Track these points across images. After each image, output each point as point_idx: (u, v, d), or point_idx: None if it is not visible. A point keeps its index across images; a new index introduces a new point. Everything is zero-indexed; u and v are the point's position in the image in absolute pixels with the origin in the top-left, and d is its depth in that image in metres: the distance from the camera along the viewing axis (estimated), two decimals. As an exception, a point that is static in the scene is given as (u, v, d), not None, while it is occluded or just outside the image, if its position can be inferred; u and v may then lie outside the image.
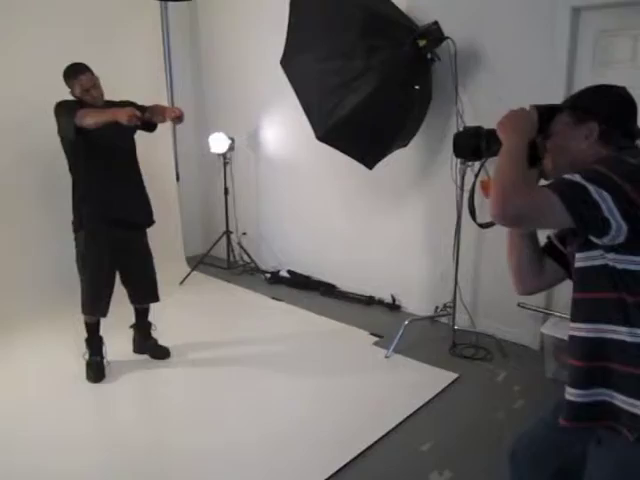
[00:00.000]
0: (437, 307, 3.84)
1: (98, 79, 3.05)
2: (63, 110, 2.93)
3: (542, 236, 1.53)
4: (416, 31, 3.11)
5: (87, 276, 3.16)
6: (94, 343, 3.27)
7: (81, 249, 3.13)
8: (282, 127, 4.69)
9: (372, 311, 4.21)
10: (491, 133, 1.48)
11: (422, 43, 3.04)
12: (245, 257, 5.13)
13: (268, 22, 4.33)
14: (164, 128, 4.90)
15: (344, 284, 4.52)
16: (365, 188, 4.17)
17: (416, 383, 3.17)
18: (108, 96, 3.22)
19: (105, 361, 3.28)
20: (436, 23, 3.07)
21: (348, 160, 3.44)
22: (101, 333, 3.29)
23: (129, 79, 4.41)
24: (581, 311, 1.33)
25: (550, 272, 1.51)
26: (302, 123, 3.52)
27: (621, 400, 1.26)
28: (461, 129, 3.08)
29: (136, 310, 3.47)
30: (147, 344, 3.49)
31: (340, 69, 2.99)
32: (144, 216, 3.31)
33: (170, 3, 4.96)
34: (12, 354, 3.54)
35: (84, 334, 3.27)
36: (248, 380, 3.22)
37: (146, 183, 3.39)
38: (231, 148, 4.89)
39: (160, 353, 3.45)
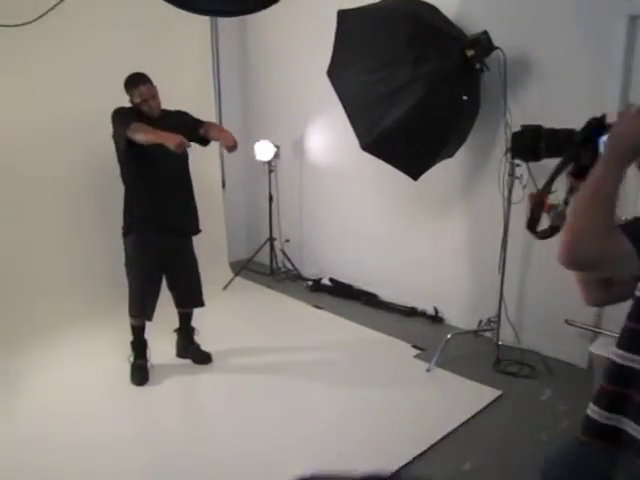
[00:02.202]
0: (481, 321, 3.76)
1: (157, 90, 3.11)
2: (119, 118, 3.02)
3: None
4: (464, 41, 3.06)
5: (134, 280, 3.24)
6: (139, 346, 3.35)
7: (129, 253, 3.22)
8: (326, 136, 4.70)
9: (414, 322, 4.16)
10: (551, 134, 1.39)
11: (470, 53, 3.00)
12: (288, 264, 5.15)
13: (316, 32, 4.34)
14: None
15: (386, 294, 4.48)
16: (410, 198, 4.13)
17: (458, 399, 3.11)
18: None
19: (149, 364, 3.35)
20: (485, 33, 3.02)
21: (393, 169, 3.41)
22: (146, 337, 3.37)
23: (178, 87, 4.51)
24: (628, 340, 1.26)
25: (620, 286, 1.34)
26: (347, 132, 3.52)
27: (635, 430, 1.22)
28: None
29: (180, 314, 3.53)
30: (190, 349, 3.54)
31: (386, 79, 2.97)
32: (191, 224, 3.38)
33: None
34: (61, 356, 3.65)
35: (130, 337, 3.35)
36: (286, 388, 3.23)
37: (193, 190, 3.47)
38: (276, 156, 4.94)
39: (202, 358, 3.50)
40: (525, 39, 3.20)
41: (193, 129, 3.24)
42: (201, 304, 3.49)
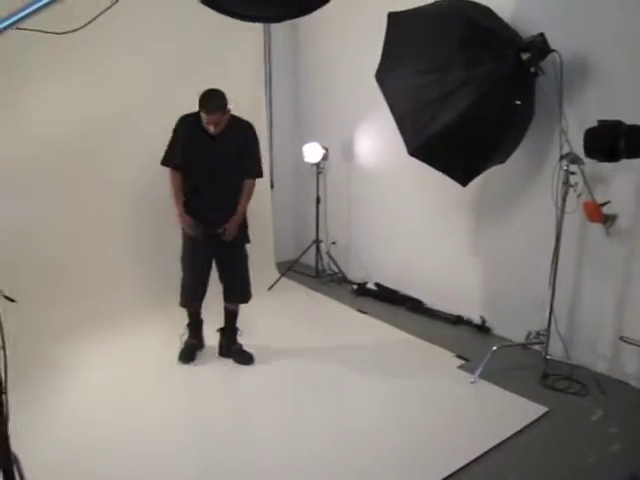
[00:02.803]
0: (529, 333, 3.62)
1: (221, 116, 3.12)
2: (172, 137, 3.29)
3: None
4: (519, 43, 2.96)
5: (183, 268, 3.47)
6: (191, 327, 3.61)
7: (183, 241, 3.43)
8: (375, 139, 4.66)
9: (459, 332, 4.06)
10: (634, 131, 1.18)
11: (525, 56, 2.89)
12: (333, 267, 5.14)
13: (366, 34, 4.31)
14: (261, 137, 5.06)
15: (432, 301, 4.40)
16: (459, 204, 4.03)
17: (502, 413, 3.00)
18: None
19: (198, 348, 3.62)
20: (541, 35, 2.90)
21: (442, 174, 3.34)
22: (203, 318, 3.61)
23: (231, 89, 4.56)
24: None
25: None
26: (395, 135, 3.46)
27: None
28: (596, 124, 2.60)
29: (225, 312, 3.59)
30: (232, 348, 3.58)
31: (436, 83, 2.90)
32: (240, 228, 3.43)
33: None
34: (118, 341, 3.81)
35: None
36: (327, 392, 3.22)
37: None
38: (325, 158, 4.93)
39: (244, 359, 3.53)
40: (582, 41, 3.06)
41: (240, 165, 3.31)
42: (245, 300, 3.55)
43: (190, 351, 3.57)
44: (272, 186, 5.30)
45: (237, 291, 3.52)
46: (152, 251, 4.39)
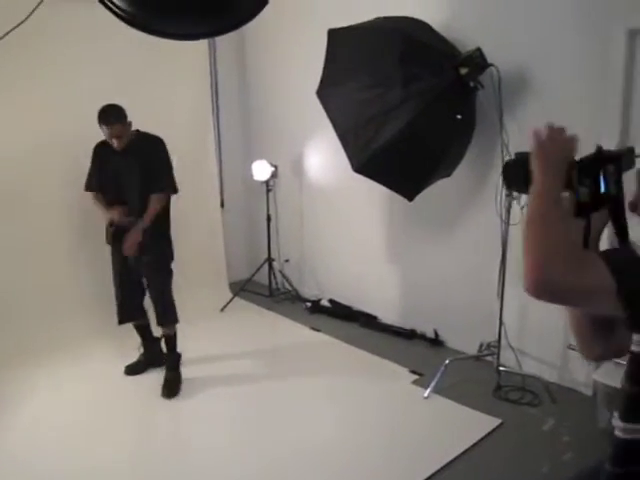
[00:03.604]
0: (482, 344, 3.64)
1: (125, 127, 3.15)
2: (90, 165, 3.39)
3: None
4: (457, 58, 2.99)
5: (114, 284, 3.47)
6: (143, 342, 3.62)
7: (111, 259, 3.46)
8: (324, 156, 4.63)
9: (413, 346, 4.04)
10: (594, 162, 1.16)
11: (464, 71, 2.92)
12: (287, 285, 5.07)
13: (312, 51, 4.30)
14: (209, 156, 4.99)
15: (385, 316, 4.37)
16: (407, 218, 4.04)
17: (456, 428, 2.99)
18: (153, 124, 3.33)
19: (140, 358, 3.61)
20: (479, 49, 2.94)
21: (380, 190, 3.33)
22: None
23: (175, 106, 4.50)
24: (626, 406, 1.12)
25: (620, 338, 1.16)
26: (342, 153, 3.45)
27: None
28: (510, 157, 2.88)
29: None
30: (166, 375, 3.43)
31: (377, 99, 2.90)
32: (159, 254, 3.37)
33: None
34: (66, 367, 3.61)
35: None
36: (278, 414, 3.14)
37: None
38: (274, 175, 4.88)
39: (164, 391, 3.33)
40: (520, 54, 3.11)
41: (148, 180, 3.26)
42: (165, 322, 3.43)
43: (136, 365, 3.59)
44: (222, 205, 5.21)
45: (159, 313, 3.42)
46: (98, 271, 4.19)
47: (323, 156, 4.66)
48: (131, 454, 2.83)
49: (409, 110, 2.85)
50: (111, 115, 3.09)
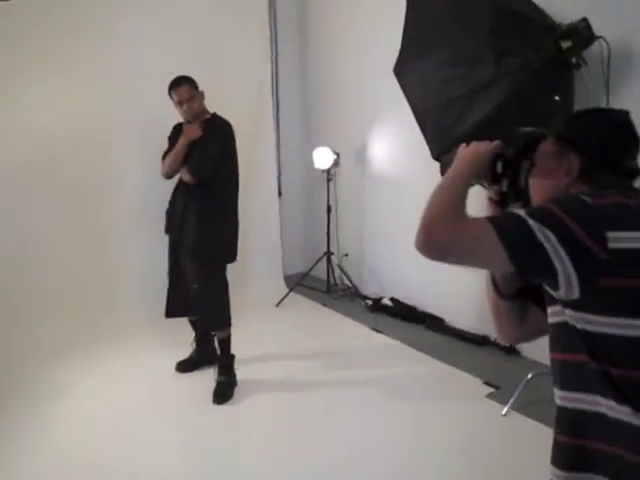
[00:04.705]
0: (566, 356, 3.24)
1: (196, 93, 3.01)
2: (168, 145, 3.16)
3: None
4: (558, 30, 2.59)
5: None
6: (196, 339, 3.42)
7: None
8: (391, 142, 4.30)
9: (485, 354, 3.67)
10: (517, 156, 1.24)
11: (566, 45, 2.53)
12: (346, 280, 4.78)
13: (382, 26, 3.98)
14: (268, 142, 4.75)
15: (453, 319, 4.02)
16: (484, 213, 3.66)
17: (539, 450, 2.60)
18: (211, 107, 3.15)
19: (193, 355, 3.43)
20: (585, 20, 2.54)
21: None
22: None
23: (235, 91, 4.28)
24: (556, 374, 1.13)
25: (533, 320, 1.27)
26: (414, 138, 3.13)
27: None
28: None
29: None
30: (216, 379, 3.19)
31: (464, 77, 2.55)
32: (202, 248, 3.06)
33: (280, 13, 4.80)
34: (113, 363, 3.48)
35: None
36: (340, 426, 2.85)
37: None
38: (336, 164, 4.58)
39: (215, 396, 3.09)
40: (632, 27, 2.68)
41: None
42: (207, 327, 3.27)
43: (186, 362, 3.40)
44: (280, 194, 4.97)
45: (201, 315, 3.24)
46: (156, 262, 4.05)
47: (390, 143, 4.33)
48: (175, 459, 2.60)
49: (500, 90, 2.49)
50: (178, 78, 2.99)
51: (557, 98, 2.60)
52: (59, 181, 3.82)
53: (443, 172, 1.37)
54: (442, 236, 1.03)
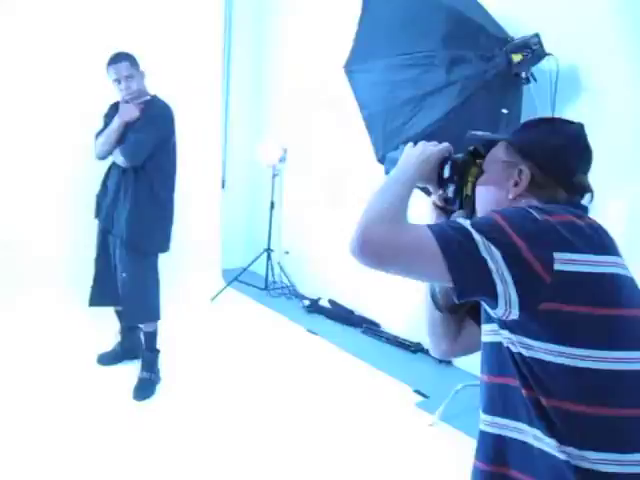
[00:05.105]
0: (496, 369, 3.26)
1: (135, 70, 2.84)
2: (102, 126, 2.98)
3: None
4: (511, 43, 2.59)
5: None
6: (120, 329, 3.26)
7: None
8: (340, 140, 4.23)
9: (418, 361, 3.66)
10: (465, 161, 1.18)
11: (517, 59, 2.52)
12: (284, 279, 4.68)
13: (335, 24, 3.92)
14: (214, 131, 4.59)
15: (390, 324, 4.00)
16: (426, 219, 3.64)
17: (464, 462, 2.60)
18: (153, 86, 3.01)
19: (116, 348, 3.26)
20: (537, 36, 2.54)
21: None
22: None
23: (181, 73, 4.10)
24: (483, 397, 1.07)
25: (469, 335, 1.23)
26: (363, 138, 3.06)
27: None
28: None
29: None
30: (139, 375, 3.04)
31: (414, 81, 2.50)
32: (134, 236, 2.90)
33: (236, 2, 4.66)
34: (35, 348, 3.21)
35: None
36: (261, 427, 2.75)
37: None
38: (282, 159, 4.48)
39: (137, 393, 2.93)
40: (583, 47, 2.70)
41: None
42: (133, 320, 3.12)
43: (109, 354, 3.22)
44: (223, 185, 4.82)
45: (125, 306, 3.06)
46: (75, 248, 3.82)
47: (338, 142, 4.25)
48: (89, 455, 2.43)
49: (450, 97, 2.45)
50: (117, 54, 2.82)
51: (505, 111, 2.59)
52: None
53: (388, 171, 1.30)
54: (378, 242, 0.96)
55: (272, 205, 4.58)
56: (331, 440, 2.71)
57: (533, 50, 2.52)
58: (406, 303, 3.87)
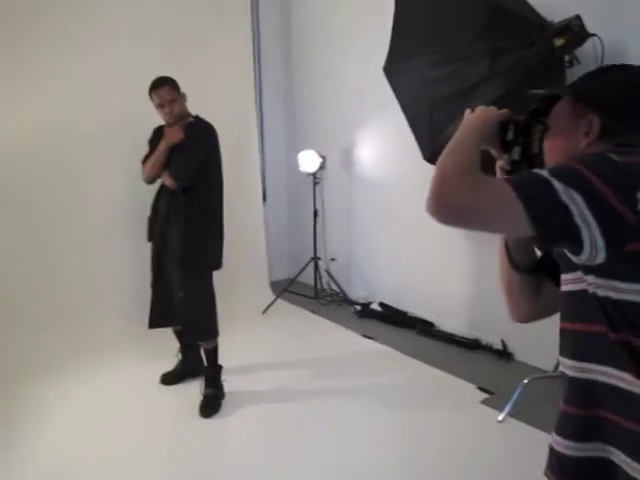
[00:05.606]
0: (560, 360, 3.18)
1: (177, 95, 2.90)
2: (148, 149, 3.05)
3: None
4: (551, 28, 2.54)
5: None
6: (181, 350, 3.31)
7: None
8: (380, 144, 4.23)
9: (478, 358, 3.61)
10: (529, 120, 1.15)
11: (559, 42, 2.48)
12: (333, 286, 4.69)
13: (365, 28, 3.92)
14: (251, 145, 4.65)
15: (444, 323, 3.95)
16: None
17: (537, 456, 2.53)
18: (192, 110, 3.05)
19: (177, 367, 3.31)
20: (578, 17, 2.49)
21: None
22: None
23: (216, 92, 4.17)
24: (567, 344, 1.09)
25: (548, 295, 1.23)
26: (403, 140, 3.06)
27: (621, 460, 1.00)
28: None
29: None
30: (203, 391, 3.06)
31: (456, 75, 2.48)
32: (179, 252, 2.94)
33: (263, 14, 4.71)
34: (99, 375, 3.31)
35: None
36: (329, 434, 2.75)
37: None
38: (322, 167, 4.50)
39: (202, 410, 2.95)
40: (624, 26, 2.64)
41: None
42: (188, 340, 3.18)
43: (171, 374, 3.28)
44: (264, 199, 4.87)
45: (185, 325, 3.10)
46: (138, 271, 3.93)
47: (377, 145, 4.26)
48: (163, 474, 2.49)
49: (494, 88, 2.43)
50: (159, 79, 2.89)
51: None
52: (36, 188, 3.68)
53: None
54: (457, 197, 0.95)
55: (315, 213, 4.60)
56: (399, 442, 2.70)
57: (575, 32, 2.47)
58: (459, 300, 3.84)
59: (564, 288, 1.08)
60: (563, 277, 1.08)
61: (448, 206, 0.95)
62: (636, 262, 0.93)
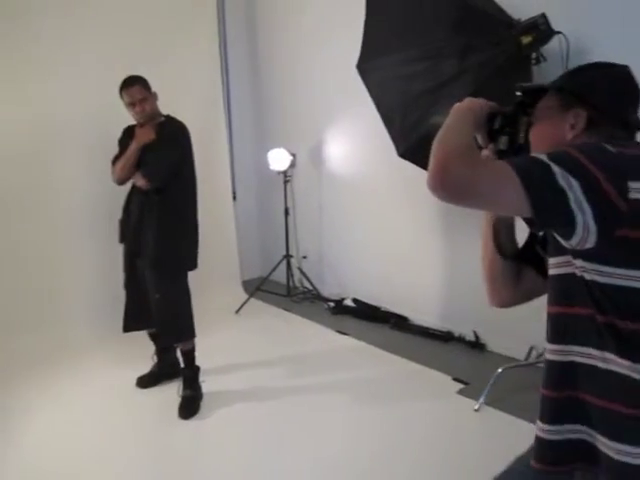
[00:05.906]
0: (531, 348, 3.28)
1: (148, 94, 2.86)
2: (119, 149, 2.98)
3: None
4: (518, 26, 2.61)
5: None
6: (157, 353, 3.24)
7: None
8: (349, 142, 4.26)
9: (451, 350, 3.69)
10: (515, 111, 1.22)
11: (526, 40, 2.55)
12: (306, 283, 4.70)
13: (334, 26, 3.94)
14: (221, 144, 4.62)
15: (417, 316, 4.02)
16: (445, 210, 3.67)
17: (515, 443, 2.61)
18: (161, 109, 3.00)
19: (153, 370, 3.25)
20: (544, 16, 2.57)
21: (425, 178, 2.95)
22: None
23: (184, 91, 4.13)
24: (552, 328, 1.13)
25: (528, 282, 1.29)
26: (373, 137, 3.10)
27: (596, 440, 1.07)
28: None
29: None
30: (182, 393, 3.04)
31: (428, 72, 2.53)
32: (153, 253, 2.90)
33: (229, 11, 4.68)
34: (74, 377, 3.23)
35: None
36: (307, 430, 2.77)
37: (199, 202, 3.06)
38: (292, 165, 4.51)
39: (181, 411, 2.93)
40: (588, 23, 2.73)
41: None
42: (165, 342, 3.14)
43: (148, 377, 3.22)
44: (234, 198, 4.84)
45: (158, 327, 3.05)
46: (111, 274, 3.85)
47: (347, 143, 4.29)
48: (143, 477, 2.46)
49: (465, 85, 2.48)
50: (130, 78, 2.84)
51: (519, 94, 2.61)
52: (2, 186, 3.58)
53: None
54: (460, 175, 0.98)
55: (286, 211, 4.60)
56: (380, 436, 2.73)
57: (541, 30, 2.55)
58: (431, 294, 3.91)
59: (552, 272, 1.13)
60: (551, 261, 1.12)
61: (452, 183, 0.98)
62: (624, 247, 0.98)
